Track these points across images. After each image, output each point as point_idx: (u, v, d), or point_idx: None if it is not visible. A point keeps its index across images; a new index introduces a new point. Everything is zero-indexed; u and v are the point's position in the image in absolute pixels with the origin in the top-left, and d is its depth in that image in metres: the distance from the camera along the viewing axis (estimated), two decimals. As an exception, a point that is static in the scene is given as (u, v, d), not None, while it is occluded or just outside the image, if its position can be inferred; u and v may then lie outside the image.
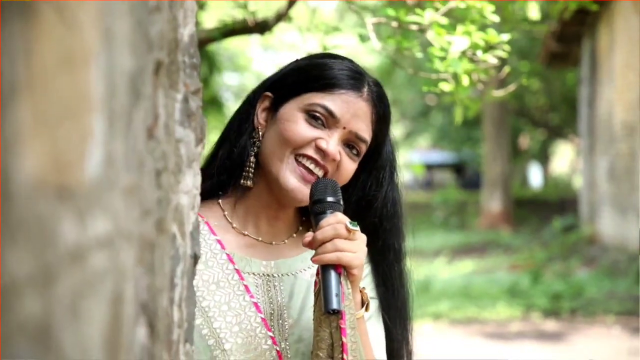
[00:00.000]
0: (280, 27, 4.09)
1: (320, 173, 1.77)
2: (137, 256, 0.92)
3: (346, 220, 1.67)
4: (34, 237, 0.58)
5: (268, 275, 1.79)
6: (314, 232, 1.68)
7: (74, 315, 0.64)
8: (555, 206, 19.99)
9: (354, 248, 1.66)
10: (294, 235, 1.87)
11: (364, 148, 1.81)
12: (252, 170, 1.79)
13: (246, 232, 1.82)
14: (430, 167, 38.75)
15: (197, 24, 4.29)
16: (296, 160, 1.75)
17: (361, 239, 1.69)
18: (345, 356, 1.65)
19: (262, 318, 1.73)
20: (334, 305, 1.61)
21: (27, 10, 0.58)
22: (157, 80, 1.09)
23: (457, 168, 37.56)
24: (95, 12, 0.73)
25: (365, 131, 1.80)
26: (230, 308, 1.71)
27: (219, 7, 5.10)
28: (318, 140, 1.75)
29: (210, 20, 5.10)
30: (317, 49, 3.66)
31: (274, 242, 1.84)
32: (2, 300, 0.53)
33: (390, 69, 20.85)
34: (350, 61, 1.88)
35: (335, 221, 1.66)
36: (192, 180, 1.33)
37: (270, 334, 1.73)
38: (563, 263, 12.44)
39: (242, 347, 1.70)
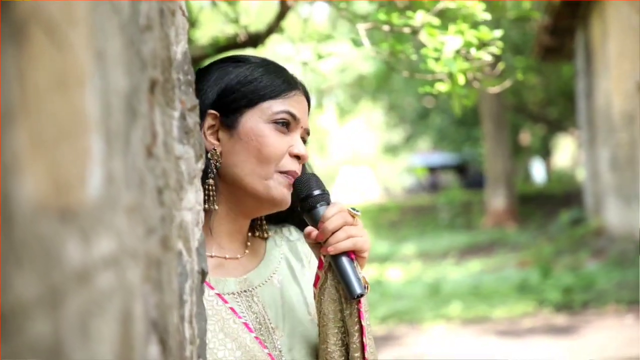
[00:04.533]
0: (273, 39, 4.10)
1: (297, 175, 1.79)
2: (144, 274, 0.93)
3: (348, 207, 1.71)
4: (39, 258, 0.59)
5: (245, 291, 1.78)
6: (317, 227, 1.70)
7: (84, 334, 0.64)
8: (560, 200, 19.97)
9: (361, 232, 1.71)
10: (248, 243, 1.86)
11: (307, 140, 1.86)
12: (214, 194, 1.75)
13: (213, 254, 1.78)
14: (432, 170, 38.82)
15: (190, 41, 4.31)
16: (279, 172, 1.76)
17: (361, 222, 1.73)
18: (364, 339, 1.69)
19: (255, 337, 1.72)
20: (360, 290, 1.66)
21: (17, 33, 0.58)
22: (152, 98, 1.10)
23: (460, 168, 37.56)
24: (86, 33, 0.73)
25: (308, 125, 1.86)
26: (227, 335, 1.70)
27: (211, 24, 5.11)
28: (291, 148, 1.77)
29: (203, 37, 5.11)
30: (311, 58, 3.67)
31: (238, 256, 1.83)
32: (11, 322, 0.53)
33: (386, 75, 20.87)
34: (271, 60, 1.91)
35: (339, 209, 1.70)
36: (194, 197, 1.33)
37: (267, 351, 1.72)
38: (572, 256, 12.42)
39: None
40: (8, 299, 0.53)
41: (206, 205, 1.71)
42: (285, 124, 1.77)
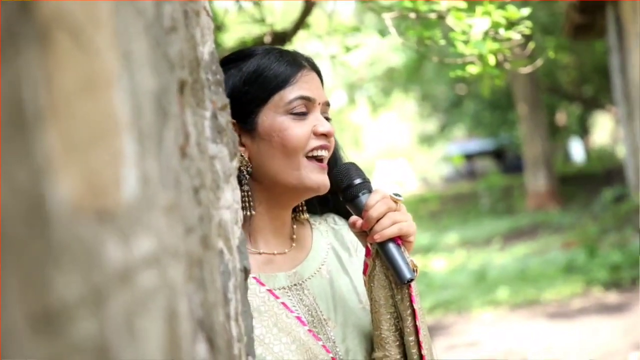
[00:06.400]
0: (300, 36, 4.10)
1: (327, 154, 1.79)
2: (187, 273, 0.93)
3: (390, 192, 1.71)
4: (79, 260, 0.59)
5: (295, 284, 1.79)
6: (361, 216, 1.71)
7: (130, 333, 0.64)
8: (601, 178, 19.73)
9: (405, 216, 1.72)
10: (294, 236, 1.87)
11: (329, 111, 1.85)
12: (251, 200, 1.76)
13: (261, 251, 1.80)
14: (469, 157, 38.55)
15: (218, 44, 4.32)
16: (307, 158, 1.76)
17: (404, 206, 1.73)
18: (417, 323, 1.71)
19: (308, 330, 1.73)
20: (409, 275, 1.67)
21: (42, 37, 0.58)
22: (183, 99, 1.10)
23: (497, 154, 37.28)
24: (110, 35, 0.74)
25: (326, 95, 1.83)
26: (280, 329, 1.71)
27: (237, 26, 5.13)
28: (314, 128, 1.76)
29: (230, 39, 5.13)
30: (338, 52, 3.66)
31: (286, 251, 1.83)
32: (55, 323, 0.54)
33: (417, 66, 20.78)
34: (272, 46, 1.90)
35: (382, 196, 1.71)
36: (231, 195, 1.33)
37: (321, 342, 1.73)
38: (617, 234, 12.27)
39: None
40: (50, 300, 0.54)
41: (245, 212, 1.73)
42: (302, 109, 1.76)
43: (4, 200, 0.53)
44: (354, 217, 1.74)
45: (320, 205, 1.92)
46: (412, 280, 1.67)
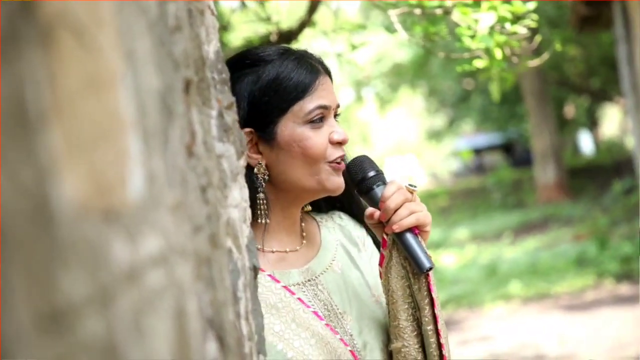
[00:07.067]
0: (306, 34, 4.10)
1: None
2: (195, 272, 0.93)
3: (405, 183, 1.73)
4: (86, 259, 0.59)
5: (309, 280, 1.81)
6: (378, 207, 1.73)
7: (138, 332, 0.64)
8: (610, 170, 19.67)
9: (421, 206, 1.74)
10: (304, 233, 1.88)
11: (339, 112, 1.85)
12: (266, 206, 1.77)
13: (274, 249, 1.81)
14: (478, 151, 38.48)
15: (224, 44, 4.32)
16: (328, 163, 1.77)
17: (418, 197, 1.76)
18: (436, 311, 1.73)
19: (325, 324, 1.75)
20: (428, 264, 1.70)
21: (44, 37, 0.58)
22: (188, 98, 1.10)
23: (506, 147, 37.23)
24: (114, 34, 0.73)
25: (337, 98, 1.84)
26: (299, 325, 1.72)
27: (243, 26, 5.13)
28: (330, 136, 1.76)
29: (236, 39, 5.13)
30: (345, 50, 3.66)
31: (298, 248, 1.85)
32: (61, 322, 0.54)
33: (423, 61, 20.75)
34: (285, 48, 1.86)
35: (397, 188, 1.73)
36: (239, 194, 1.33)
37: (338, 336, 1.75)
38: (628, 225, 12.23)
39: (326, 357, 1.72)
40: (56, 299, 0.54)
41: (260, 220, 1.74)
42: (320, 118, 1.76)
43: (10, 200, 0.53)
44: (370, 209, 1.76)
45: (325, 201, 1.93)
46: (431, 268, 1.70)
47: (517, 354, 6.93)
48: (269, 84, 1.75)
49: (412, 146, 38.88)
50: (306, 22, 3.88)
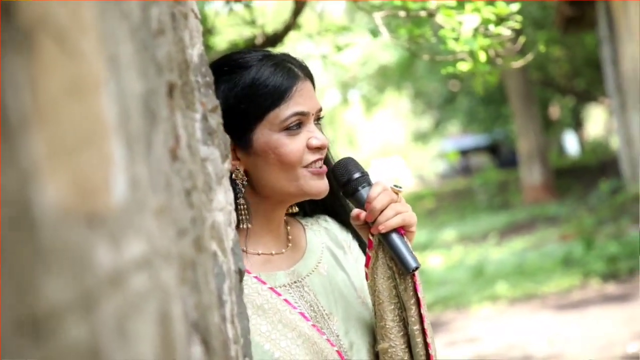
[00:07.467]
0: (291, 36, 4.10)
1: (322, 161, 1.80)
2: (179, 275, 0.93)
3: (390, 185, 1.75)
4: (69, 264, 0.59)
5: (295, 282, 1.82)
6: (364, 208, 1.74)
7: (122, 336, 0.64)
8: (596, 170, 19.75)
9: (406, 207, 1.75)
10: (290, 236, 1.89)
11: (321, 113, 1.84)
12: (246, 211, 1.76)
13: (260, 252, 1.82)
14: (464, 153, 38.57)
15: (209, 47, 4.32)
16: (305, 167, 1.77)
17: (403, 198, 1.77)
18: (422, 311, 1.74)
19: (312, 325, 1.76)
20: (415, 263, 1.71)
21: (25, 41, 0.58)
22: (172, 102, 1.10)
23: (492, 149, 37.32)
24: (96, 39, 0.73)
25: (319, 102, 1.82)
26: (285, 325, 1.73)
27: (228, 29, 5.12)
28: (309, 141, 1.76)
29: (222, 42, 5.12)
30: (330, 52, 3.66)
31: (284, 251, 1.85)
32: (44, 327, 0.54)
33: (409, 63, 20.78)
34: (265, 53, 1.83)
35: (383, 189, 1.74)
36: (224, 197, 1.33)
37: (325, 337, 1.76)
38: (613, 225, 12.28)
39: (313, 358, 1.73)
40: (40, 304, 0.54)
41: (242, 225, 1.74)
42: (297, 124, 1.75)
43: (-9, 206, 0.53)
44: (356, 210, 1.76)
45: (310, 204, 1.94)
46: (417, 268, 1.71)
47: (504, 354, 6.94)
48: (244, 92, 1.73)
49: (398, 148, 38.94)
50: (291, 25, 3.88)
